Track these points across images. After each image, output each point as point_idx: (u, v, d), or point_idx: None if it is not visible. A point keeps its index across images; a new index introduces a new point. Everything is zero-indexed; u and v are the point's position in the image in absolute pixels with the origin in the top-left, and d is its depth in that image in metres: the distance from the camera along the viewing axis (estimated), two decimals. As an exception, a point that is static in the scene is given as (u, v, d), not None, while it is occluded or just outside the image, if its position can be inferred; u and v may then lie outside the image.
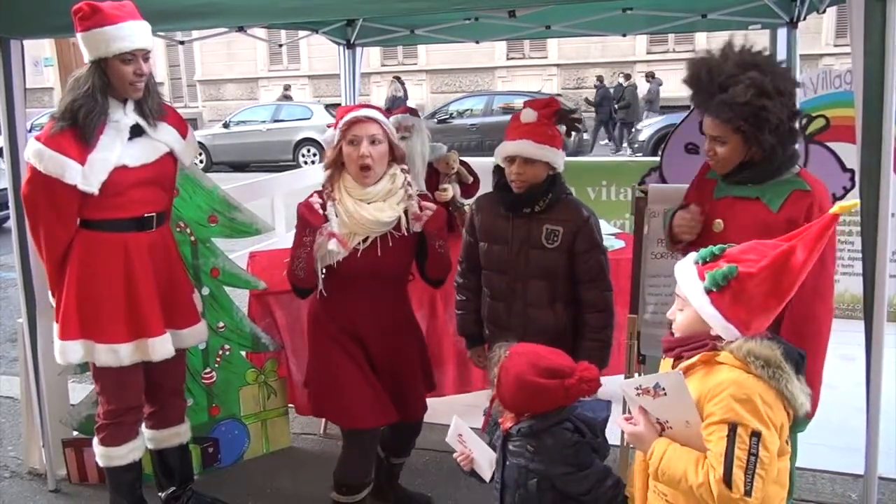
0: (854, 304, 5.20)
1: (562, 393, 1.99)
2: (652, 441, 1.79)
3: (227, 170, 17.12)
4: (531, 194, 2.67)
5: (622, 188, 6.16)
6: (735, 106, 2.25)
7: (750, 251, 1.75)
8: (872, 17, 2.36)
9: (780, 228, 2.27)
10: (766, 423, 1.63)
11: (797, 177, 2.39)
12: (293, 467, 3.70)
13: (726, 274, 1.71)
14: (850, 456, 2.89)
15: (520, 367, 2.02)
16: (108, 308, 2.80)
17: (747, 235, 2.26)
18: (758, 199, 2.37)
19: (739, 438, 1.61)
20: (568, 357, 2.10)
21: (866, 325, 2.57)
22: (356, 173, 2.57)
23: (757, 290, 1.69)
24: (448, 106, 17.77)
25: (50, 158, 2.64)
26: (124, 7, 2.69)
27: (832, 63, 17.36)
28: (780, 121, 2.26)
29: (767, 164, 2.36)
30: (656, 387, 1.73)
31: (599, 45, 21.02)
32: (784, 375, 1.66)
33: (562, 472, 2.00)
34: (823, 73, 5.30)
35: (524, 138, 2.62)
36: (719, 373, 1.71)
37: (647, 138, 14.24)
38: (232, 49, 24.17)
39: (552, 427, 2.01)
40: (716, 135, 2.37)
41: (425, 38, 5.07)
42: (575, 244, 2.67)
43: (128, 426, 2.99)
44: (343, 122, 2.59)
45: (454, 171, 4.29)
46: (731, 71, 2.28)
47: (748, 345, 1.68)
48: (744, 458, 1.60)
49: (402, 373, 2.82)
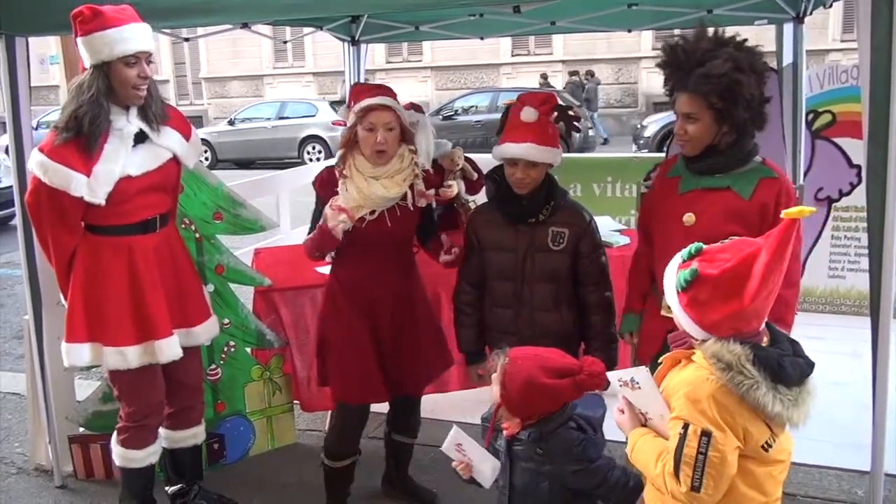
0: (861, 301, 5.18)
1: (572, 390, 2.01)
2: (632, 430, 1.88)
3: (233, 167, 17.15)
4: (534, 204, 2.66)
5: (627, 184, 6.15)
6: (713, 78, 2.31)
7: (727, 250, 1.75)
8: (879, 12, 2.35)
9: (754, 214, 2.35)
10: (717, 424, 1.64)
11: (762, 165, 2.44)
12: (298, 463, 3.70)
13: (687, 276, 1.73)
14: (856, 452, 2.88)
15: (528, 371, 2.01)
16: (114, 311, 2.80)
17: (720, 224, 2.33)
18: (728, 188, 2.41)
19: (689, 437, 1.66)
20: (567, 355, 2.12)
21: (872, 322, 2.56)
22: (371, 155, 2.73)
23: (715, 293, 1.70)
24: (453, 102, 17.77)
25: (55, 171, 2.62)
26: (125, 10, 2.67)
27: (839, 58, 17.31)
28: (752, 97, 2.32)
29: (736, 150, 2.41)
30: (632, 380, 1.82)
31: (605, 42, 20.97)
32: (746, 382, 1.64)
33: (573, 470, 2.02)
34: (830, 68, 5.28)
35: (528, 141, 2.59)
36: (685, 371, 1.76)
37: (653, 135, 14.19)
38: (237, 46, 24.18)
39: (559, 428, 2.03)
40: (689, 111, 2.41)
41: (430, 34, 5.06)
42: (580, 246, 2.69)
43: (149, 430, 2.99)
44: (360, 109, 2.70)
45: (459, 168, 4.28)
46: (707, 47, 2.37)
47: (714, 347, 1.70)
48: (692, 456, 1.65)
49: (410, 345, 2.93)
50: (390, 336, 2.89)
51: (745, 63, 2.32)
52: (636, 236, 3.33)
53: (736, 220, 2.35)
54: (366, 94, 2.74)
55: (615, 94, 22.03)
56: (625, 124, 20.47)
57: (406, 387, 2.98)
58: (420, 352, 2.96)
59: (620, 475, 2.06)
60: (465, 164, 4.29)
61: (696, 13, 4.33)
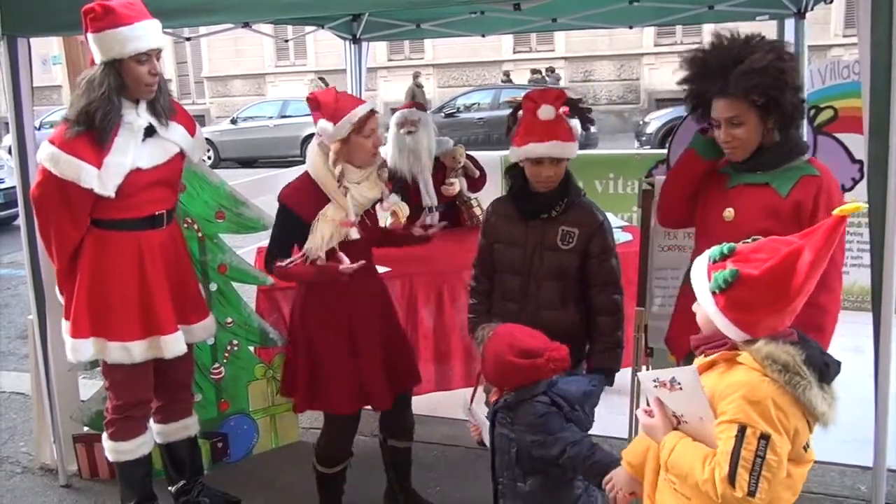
0: (863, 296, 5.17)
1: (532, 371, 2.17)
2: (665, 433, 1.79)
3: (235, 166, 17.15)
4: (549, 199, 2.66)
5: (630, 181, 6.15)
6: (755, 72, 2.26)
7: (762, 249, 1.72)
8: (879, 8, 2.34)
9: (788, 212, 2.31)
10: (776, 427, 1.61)
11: (807, 163, 2.39)
12: (302, 462, 3.69)
13: (727, 277, 1.69)
14: (859, 448, 2.88)
15: (498, 348, 2.22)
16: (120, 306, 2.81)
17: (756, 221, 2.29)
18: (767, 184, 2.37)
19: (747, 440, 1.61)
20: (543, 338, 2.25)
21: (874, 317, 2.56)
22: (368, 159, 2.76)
23: (759, 294, 1.67)
24: (455, 100, 17.72)
25: (66, 162, 2.63)
26: (134, 6, 2.67)
27: (841, 54, 17.24)
28: (795, 84, 2.30)
29: (778, 147, 2.37)
30: (672, 381, 1.74)
31: (606, 38, 20.92)
32: (802, 382, 1.63)
33: (532, 440, 2.16)
34: (832, 63, 5.27)
35: (553, 139, 2.58)
36: (736, 373, 1.70)
37: (655, 131, 14.15)
38: (239, 45, 24.16)
39: (527, 400, 2.18)
40: (731, 115, 2.35)
41: (431, 32, 5.06)
42: (589, 247, 2.66)
43: (136, 421, 3.01)
44: (359, 119, 2.68)
45: (461, 166, 4.29)
46: (739, 46, 2.34)
47: (768, 347, 1.66)
48: (750, 460, 1.60)
49: (391, 344, 2.93)
50: (372, 335, 2.86)
51: (783, 51, 2.32)
52: (638, 233, 3.33)
53: (772, 216, 2.31)
54: (352, 103, 2.72)
55: (617, 91, 21.99)
56: (627, 121, 20.43)
57: (398, 381, 2.94)
58: (404, 346, 3.00)
59: (582, 451, 2.10)
60: (466, 161, 4.30)
61: (697, 9, 4.33)
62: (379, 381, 2.85)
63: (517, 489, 2.24)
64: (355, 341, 2.82)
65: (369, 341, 2.84)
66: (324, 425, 2.99)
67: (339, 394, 2.83)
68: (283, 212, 2.78)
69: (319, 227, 2.69)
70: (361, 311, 2.84)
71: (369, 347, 2.84)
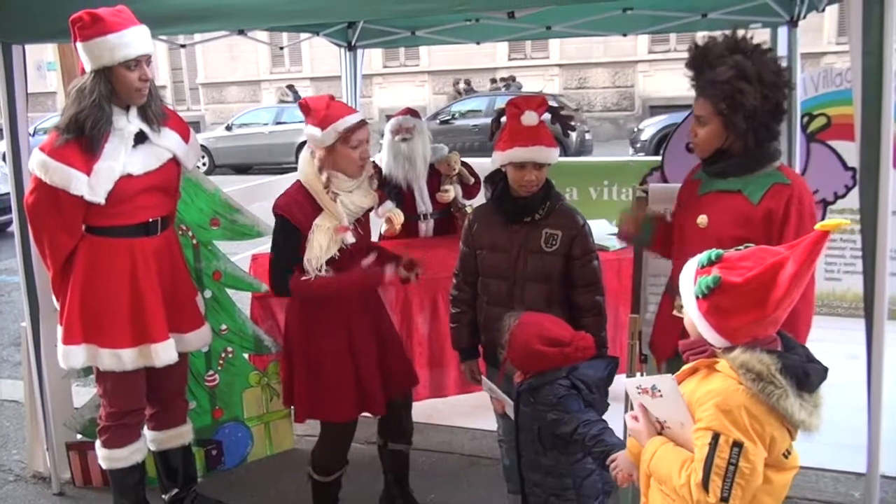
0: (856, 303, 5.19)
1: (561, 358, 2.32)
2: (649, 437, 1.84)
3: (231, 172, 17.16)
4: (531, 203, 2.70)
5: (624, 188, 6.15)
6: (717, 84, 2.32)
7: (749, 258, 1.73)
8: (871, 17, 2.36)
9: (759, 220, 2.33)
10: (749, 434, 1.63)
11: (777, 171, 2.41)
12: (296, 469, 3.69)
13: (710, 282, 1.72)
14: (852, 454, 2.89)
15: (527, 336, 2.34)
16: (112, 313, 2.80)
17: (729, 228, 2.32)
18: (739, 191, 2.40)
19: (720, 447, 1.63)
20: (568, 327, 2.41)
21: (867, 324, 2.57)
22: (355, 170, 2.76)
23: (739, 301, 1.69)
24: (450, 107, 17.78)
25: (56, 170, 2.64)
26: (122, 13, 2.68)
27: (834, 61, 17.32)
28: (754, 108, 2.30)
29: (746, 157, 2.40)
30: (653, 388, 1.78)
31: (601, 45, 20.99)
32: (776, 391, 1.64)
33: (551, 418, 2.29)
34: (824, 71, 5.31)
35: (536, 144, 2.63)
36: (713, 380, 1.73)
37: (649, 138, 14.21)
38: (234, 52, 24.19)
39: (550, 382, 2.32)
40: (700, 114, 2.43)
41: (427, 39, 5.07)
42: (572, 249, 2.70)
43: (130, 428, 3.00)
44: (345, 129, 2.67)
45: (456, 173, 4.29)
46: (720, 52, 2.38)
47: (743, 356, 1.68)
48: (723, 467, 1.62)
49: (387, 346, 2.94)
50: (369, 342, 2.86)
51: (750, 72, 2.29)
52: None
53: (744, 224, 2.33)
54: (342, 112, 2.72)
55: (612, 98, 22.07)
56: (621, 128, 20.50)
57: (395, 384, 2.95)
58: (398, 349, 3.00)
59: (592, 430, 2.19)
60: (461, 168, 4.30)
61: (691, 17, 4.35)
62: (376, 385, 2.86)
63: (539, 462, 2.41)
64: (352, 346, 2.82)
65: (366, 345, 2.85)
66: (321, 433, 2.98)
67: (338, 402, 2.82)
68: (282, 223, 2.73)
69: (316, 238, 2.69)
70: (356, 315, 2.84)
71: (366, 351, 2.84)
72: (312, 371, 2.83)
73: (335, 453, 2.97)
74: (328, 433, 2.96)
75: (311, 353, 2.83)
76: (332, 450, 2.97)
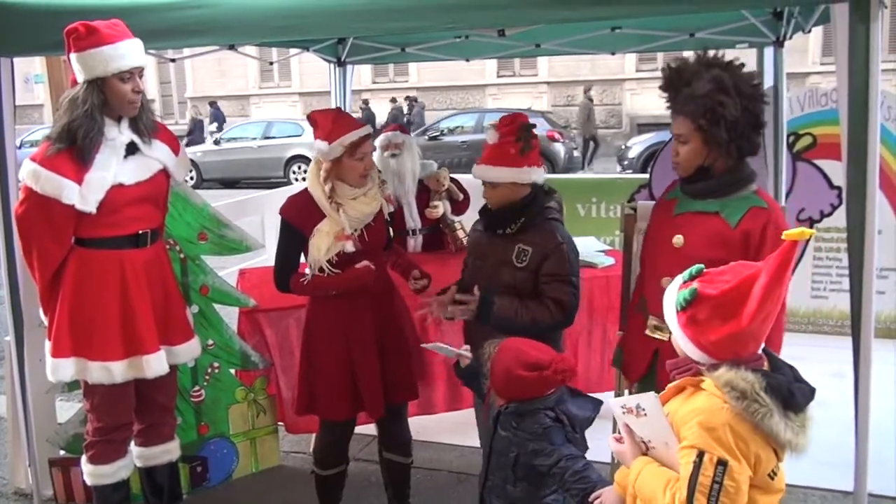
0: (843, 321, 5.23)
1: (540, 383, 2.25)
2: (634, 458, 1.83)
3: (218, 186, 17.08)
4: (504, 216, 2.75)
5: (612, 205, 6.20)
6: (696, 98, 2.34)
7: (727, 272, 1.75)
8: (857, 37, 2.39)
9: (737, 242, 2.34)
10: (733, 453, 1.63)
11: (754, 194, 2.43)
12: (282, 486, 3.67)
13: (687, 295, 1.73)
14: (840, 473, 2.89)
15: (506, 362, 2.30)
16: (101, 325, 2.79)
17: (705, 249, 2.34)
18: (717, 213, 2.42)
19: (704, 465, 1.63)
20: (548, 349, 2.33)
21: (854, 342, 2.58)
22: (358, 180, 2.85)
23: (714, 313, 1.69)
24: (439, 123, 17.83)
25: (47, 179, 2.64)
26: (117, 26, 2.71)
27: (819, 81, 17.53)
28: (735, 119, 2.33)
29: (727, 175, 2.42)
30: (638, 407, 1.78)
31: (589, 63, 21.17)
32: (761, 410, 1.64)
33: (532, 448, 2.23)
34: (810, 91, 5.37)
35: (484, 163, 2.76)
36: (697, 399, 1.73)
37: (637, 155, 14.31)
38: (223, 66, 24.21)
39: (535, 411, 2.26)
40: (679, 132, 2.46)
41: (416, 55, 5.09)
42: (543, 266, 2.68)
43: (116, 444, 2.97)
44: (350, 144, 2.78)
45: (445, 189, 4.30)
46: (695, 69, 2.41)
47: (728, 374, 1.68)
48: (707, 485, 1.62)
49: (391, 355, 2.97)
50: (372, 350, 2.91)
51: (729, 84, 2.33)
52: (621, 257, 3.35)
53: (720, 246, 2.34)
54: (348, 126, 2.82)
55: (600, 116, 22.14)
56: (609, 145, 20.60)
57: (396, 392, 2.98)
58: (401, 360, 3.00)
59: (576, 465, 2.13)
60: (450, 184, 4.32)
61: (678, 36, 4.39)
62: (374, 389, 2.91)
63: (505, 490, 2.34)
64: (350, 352, 2.89)
65: (364, 353, 2.90)
66: (319, 430, 3.11)
67: (333, 399, 2.91)
68: (284, 225, 2.88)
69: (316, 241, 2.81)
70: (357, 319, 2.90)
71: (365, 359, 2.89)
72: (312, 371, 2.95)
73: (332, 450, 3.08)
74: (324, 430, 3.08)
75: (311, 353, 2.97)
76: (329, 446, 3.08)
